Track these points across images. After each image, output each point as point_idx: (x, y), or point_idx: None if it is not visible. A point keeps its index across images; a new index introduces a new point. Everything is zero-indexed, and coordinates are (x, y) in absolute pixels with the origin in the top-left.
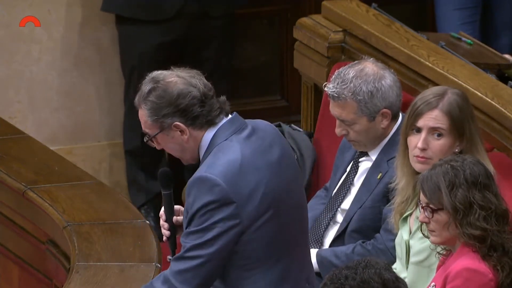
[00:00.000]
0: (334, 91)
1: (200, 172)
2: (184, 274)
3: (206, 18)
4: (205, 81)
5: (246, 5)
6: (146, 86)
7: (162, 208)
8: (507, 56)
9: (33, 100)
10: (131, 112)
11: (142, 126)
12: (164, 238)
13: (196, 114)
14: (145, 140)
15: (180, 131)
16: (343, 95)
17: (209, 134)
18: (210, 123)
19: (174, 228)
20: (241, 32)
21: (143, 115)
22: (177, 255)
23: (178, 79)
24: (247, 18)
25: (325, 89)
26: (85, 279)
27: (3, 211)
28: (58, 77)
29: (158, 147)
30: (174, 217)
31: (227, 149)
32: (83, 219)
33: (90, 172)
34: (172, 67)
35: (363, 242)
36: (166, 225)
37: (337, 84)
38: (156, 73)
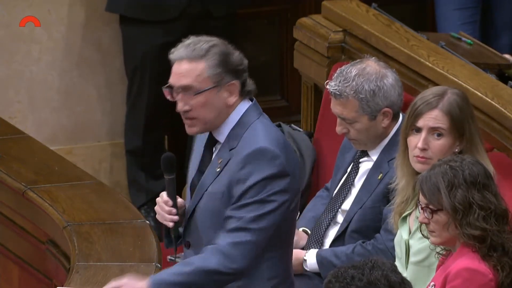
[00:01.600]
0: (336, 89)
1: (256, 144)
2: (240, 246)
3: (209, 18)
4: None
5: (246, 5)
6: (199, 44)
7: (164, 194)
8: (507, 56)
9: (33, 100)
10: (132, 112)
11: (187, 80)
12: (171, 224)
13: (245, 80)
14: (172, 97)
15: (229, 93)
16: (345, 93)
17: (243, 106)
18: (249, 94)
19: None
20: (241, 32)
21: (199, 68)
22: (231, 227)
23: (227, 44)
24: (247, 18)
25: (327, 87)
26: (85, 279)
27: (3, 211)
28: (58, 77)
29: (182, 107)
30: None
31: (268, 127)
32: (83, 219)
33: (90, 172)
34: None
35: (363, 242)
36: (174, 210)
37: (339, 82)
38: (197, 37)
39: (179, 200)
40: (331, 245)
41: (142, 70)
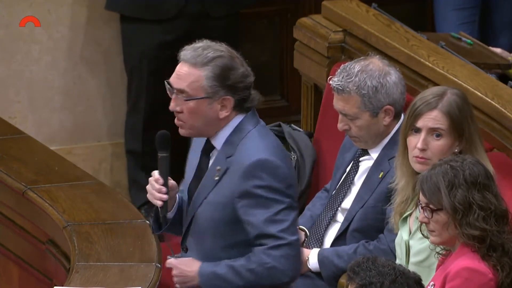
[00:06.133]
0: (339, 84)
1: (255, 155)
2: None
3: (209, 18)
4: None
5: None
6: (207, 51)
7: (155, 172)
8: (498, 50)
9: (33, 100)
10: (132, 112)
11: (182, 83)
12: (160, 203)
13: (245, 97)
14: (170, 94)
15: (222, 106)
16: (347, 89)
17: (238, 118)
18: (247, 110)
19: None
20: (241, 32)
21: (197, 75)
22: (268, 245)
23: (236, 57)
24: (247, 18)
25: (330, 82)
26: (85, 279)
27: (3, 211)
28: (58, 77)
29: (174, 107)
30: (170, 181)
31: (266, 136)
32: (83, 219)
33: (90, 172)
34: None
35: (366, 242)
36: (164, 188)
37: (342, 77)
38: (210, 42)
39: (172, 182)
40: (332, 245)
41: (141, 69)
